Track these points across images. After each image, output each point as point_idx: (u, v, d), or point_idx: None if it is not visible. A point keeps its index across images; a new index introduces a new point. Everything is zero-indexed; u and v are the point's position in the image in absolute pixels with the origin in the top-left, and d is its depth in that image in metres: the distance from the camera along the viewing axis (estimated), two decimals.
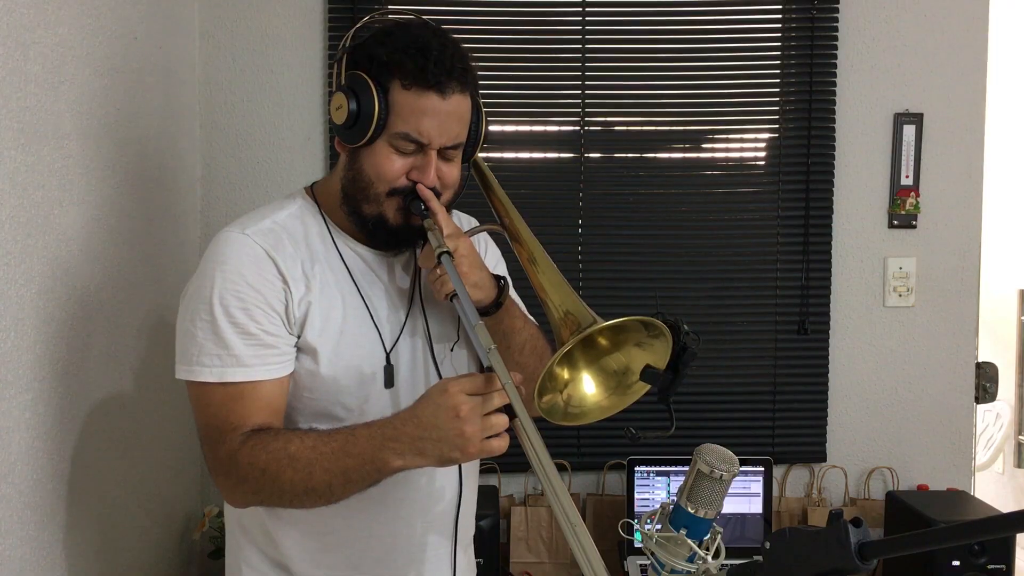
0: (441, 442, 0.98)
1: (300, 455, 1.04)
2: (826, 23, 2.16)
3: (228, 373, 1.09)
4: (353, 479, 1.03)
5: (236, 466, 1.07)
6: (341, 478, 1.03)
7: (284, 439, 1.06)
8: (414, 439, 0.99)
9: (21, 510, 1.27)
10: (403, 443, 1.00)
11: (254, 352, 1.10)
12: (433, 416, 0.98)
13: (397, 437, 1.00)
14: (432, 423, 0.98)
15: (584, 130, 2.17)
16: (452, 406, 0.97)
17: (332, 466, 1.03)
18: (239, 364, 1.09)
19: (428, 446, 0.99)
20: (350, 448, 1.02)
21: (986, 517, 0.72)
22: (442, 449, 0.98)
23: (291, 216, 1.18)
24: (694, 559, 0.99)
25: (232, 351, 1.09)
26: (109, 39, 1.58)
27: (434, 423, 0.98)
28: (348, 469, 1.03)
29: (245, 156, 2.14)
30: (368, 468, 1.02)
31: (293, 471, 1.04)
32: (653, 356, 1.05)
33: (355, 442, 1.03)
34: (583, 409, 1.08)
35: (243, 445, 1.07)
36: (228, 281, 1.09)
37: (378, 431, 1.02)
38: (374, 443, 1.01)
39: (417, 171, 1.12)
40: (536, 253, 1.16)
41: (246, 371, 1.09)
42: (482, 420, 0.96)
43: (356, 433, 1.03)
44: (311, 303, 1.13)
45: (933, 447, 2.22)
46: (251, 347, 1.10)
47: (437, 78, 1.08)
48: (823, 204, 2.18)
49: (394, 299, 1.21)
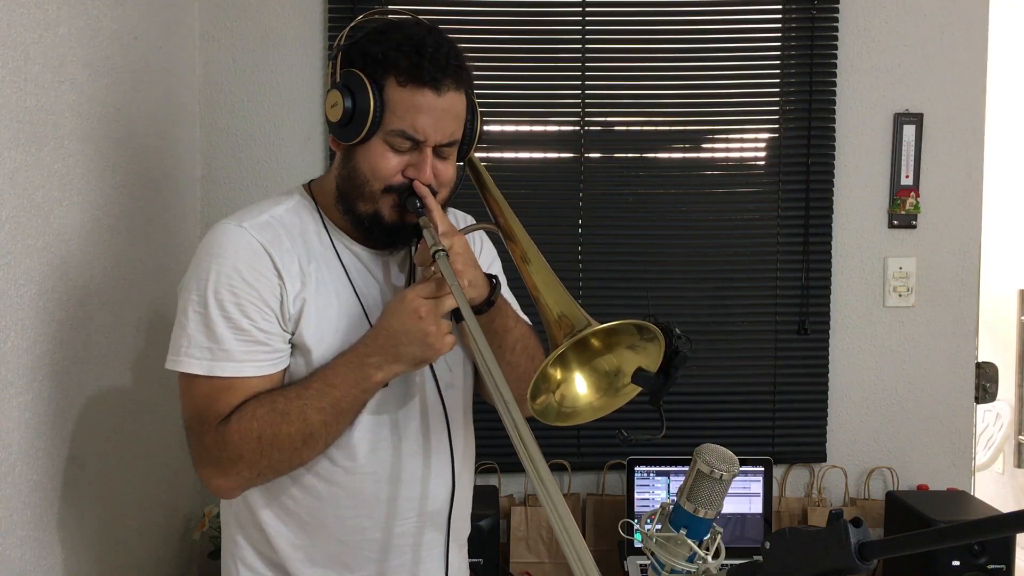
0: (411, 344, 1.07)
1: (289, 408, 1.08)
2: (826, 23, 2.16)
3: (217, 367, 1.09)
4: (343, 407, 1.09)
5: (227, 446, 1.07)
6: (333, 411, 1.09)
7: (268, 401, 1.09)
8: (386, 348, 1.08)
9: (21, 510, 1.27)
10: (378, 355, 1.08)
11: (245, 348, 1.10)
12: (398, 322, 1.07)
13: (371, 351, 1.08)
14: (399, 329, 1.07)
15: (584, 130, 2.17)
16: (413, 309, 1.06)
17: (321, 403, 1.08)
18: (229, 359, 1.09)
19: (401, 350, 1.07)
20: (332, 379, 1.09)
21: (986, 517, 0.72)
22: (413, 351, 1.07)
23: (288, 211, 1.18)
24: (694, 559, 0.99)
25: (223, 345, 1.09)
26: (109, 39, 1.58)
27: (400, 328, 1.07)
28: (336, 399, 1.08)
29: (245, 156, 2.14)
30: (354, 391, 1.09)
31: (288, 424, 1.07)
32: (645, 359, 1.05)
33: (334, 372, 1.09)
34: (575, 409, 1.08)
35: (227, 424, 1.08)
36: (223, 275, 1.09)
37: (352, 355, 1.09)
38: (352, 366, 1.09)
39: (413, 168, 1.13)
40: (530, 252, 1.16)
41: (236, 366, 1.10)
42: (439, 320, 1.06)
43: (333, 364, 1.10)
44: (306, 300, 1.14)
45: (933, 447, 2.22)
46: (242, 343, 1.10)
47: (432, 75, 1.08)
48: (823, 204, 2.18)
49: (389, 297, 1.21)
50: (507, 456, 2.10)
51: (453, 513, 1.24)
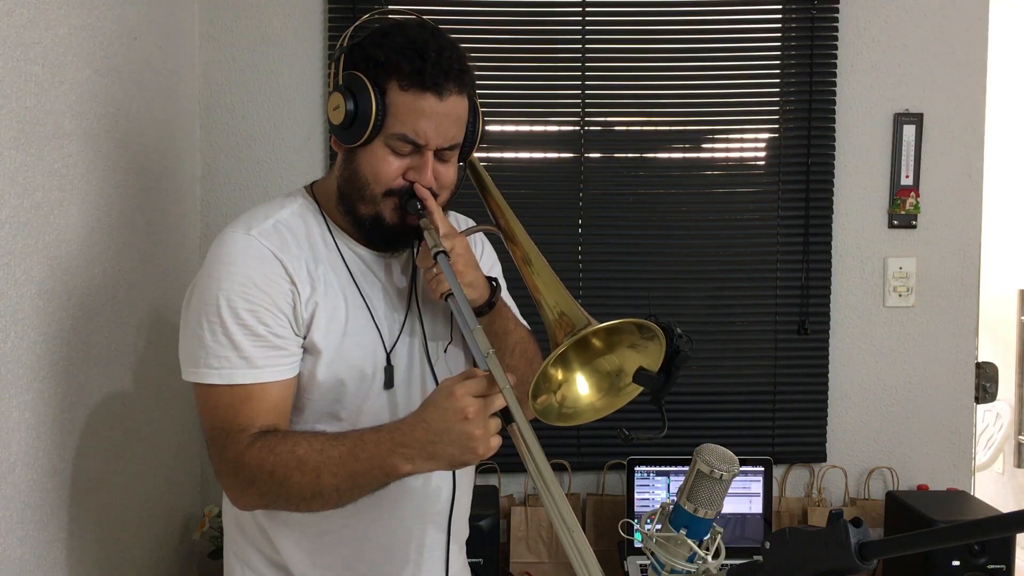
0: (452, 445, 0.98)
1: (308, 458, 1.04)
2: (826, 23, 2.16)
3: (237, 375, 1.09)
4: (360, 483, 1.04)
5: (243, 468, 1.07)
6: (348, 482, 1.03)
7: (292, 442, 1.06)
8: (424, 444, 1.00)
9: (21, 510, 1.27)
10: (413, 448, 1.00)
11: (262, 353, 1.10)
12: (442, 420, 0.98)
13: (407, 443, 1.00)
14: (441, 427, 0.98)
15: (584, 130, 2.17)
16: (460, 409, 0.97)
17: (340, 470, 1.03)
18: (248, 366, 1.09)
19: (438, 450, 0.99)
20: (358, 452, 1.02)
21: (986, 517, 0.72)
22: (452, 452, 0.99)
23: (293, 214, 1.18)
24: (694, 559, 0.99)
25: (241, 352, 1.09)
26: (109, 39, 1.58)
27: (443, 427, 0.98)
28: (356, 473, 1.03)
29: (245, 156, 2.14)
30: (376, 473, 1.02)
31: (301, 474, 1.04)
32: (646, 358, 1.05)
33: (363, 447, 1.02)
34: (577, 409, 1.08)
35: (250, 447, 1.06)
36: (235, 283, 1.09)
37: (387, 436, 1.02)
38: (383, 448, 1.01)
39: (414, 171, 1.13)
40: (531, 254, 1.16)
41: (255, 373, 1.09)
42: (486, 422, 0.98)
43: (364, 438, 1.03)
44: (317, 303, 1.14)
45: (933, 447, 2.22)
46: (259, 348, 1.09)
47: (434, 80, 1.08)
48: (823, 204, 2.18)
49: (392, 299, 1.21)
50: (507, 456, 2.09)
51: (454, 514, 1.24)
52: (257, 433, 1.08)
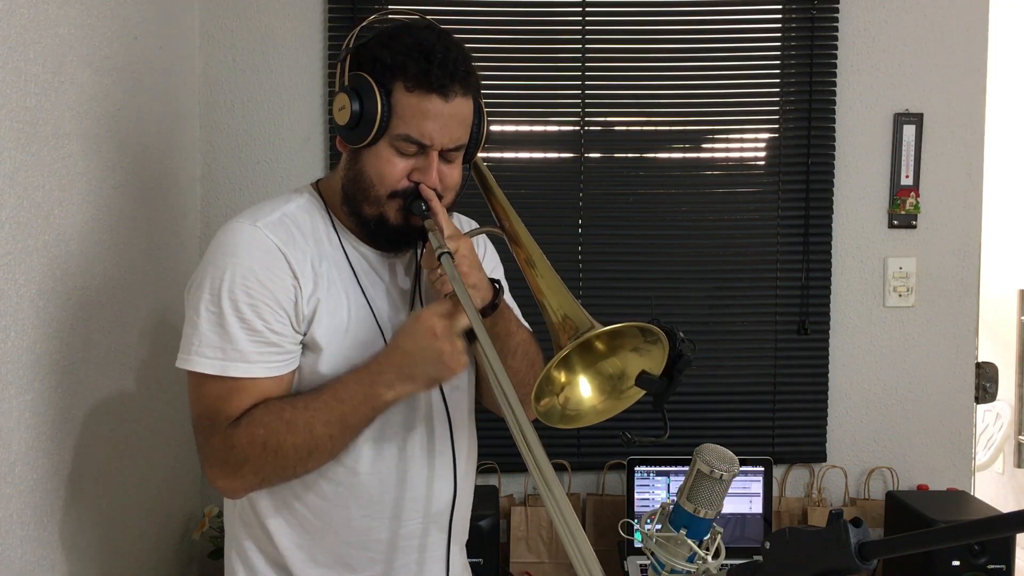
0: (426, 363, 1.06)
1: (296, 418, 1.07)
2: (826, 23, 2.16)
3: (230, 367, 1.09)
4: (351, 423, 1.08)
5: (232, 449, 1.08)
6: (339, 426, 1.08)
7: (276, 408, 1.09)
8: (400, 367, 1.06)
9: (21, 510, 1.27)
10: (390, 373, 1.07)
11: (257, 349, 1.10)
12: (413, 342, 1.06)
13: (383, 370, 1.07)
14: (413, 348, 1.06)
15: (584, 130, 2.17)
16: (428, 328, 1.05)
17: (329, 416, 1.07)
18: (242, 359, 1.09)
19: (416, 370, 1.06)
20: (341, 394, 1.08)
21: (986, 517, 0.72)
22: (428, 370, 1.06)
23: (300, 209, 1.18)
24: (694, 559, 0.99)
25: (236, 345, 1.09)
26: (109, 39, 1.58)
27: (415, 347, 1.05)
28: (344, 415, 1.08)
29: (245, 156, 2.14)
30: (363, 408, 1.08)
31: (293, 435, 1.07)
32: (649, 362, 1.05)
33: (345, 387, 1.08)
34: (579, 412, 1.08)
35: (235, 427, 1.08)
36: (238, 275, 1.09)
37: (364, 371, 1.08)
38: (364, 383, 1.07)
39: (419, 172, 1.13)
40: (535, 255, 1.16)
41: (248, 367, 1.10)
42: (454, 338, 1.05)
43: (344, 379, 1.09)
44: (320, 300, 1.14)
45: (933, 447, 2.22)
46: (255, 343, 1.10)
47: (440, 81, 1.08)
48: (823, 204, 2.18)
49: (395, 299, 1.21)
50: (507, 456, 2.10)
51: (455, 514, 1.24)
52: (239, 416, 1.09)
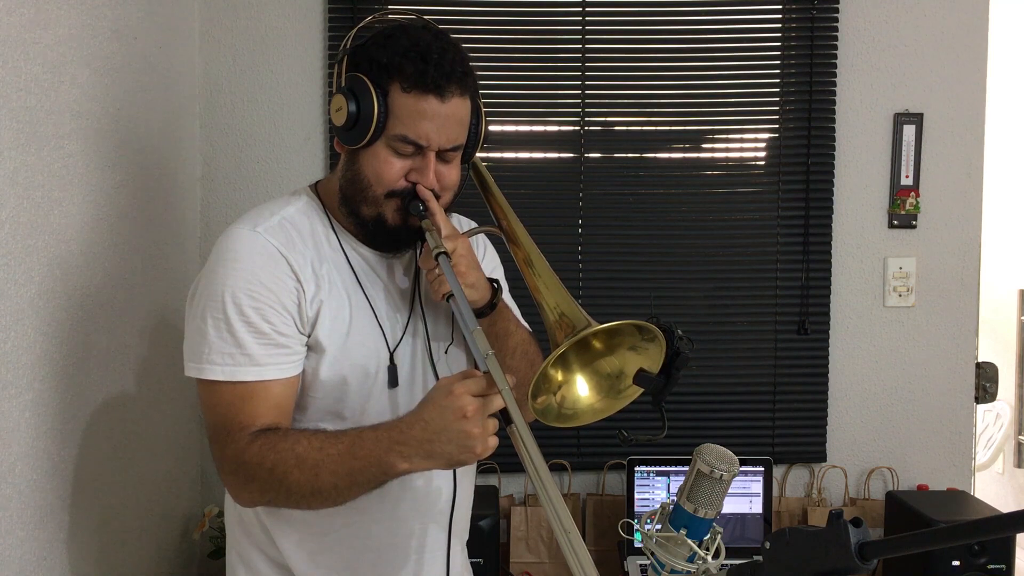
0: (449, 444, 0.98)
1: (307, 456, 1.04)
2: (826, 23, 2.16)
3: (240, 372, 1.09)
4: (359, 481, 1.04)
5: (244, 465, 1.07)
6: (347, 480, 1.04)
7: (292, 439, 1.06)
8: (421, 442, 0.99)
9: (21, 510, 1.27)
10: (410, 447, 1.00)
11: (266, 351, 1.10)
12: (440, 418, 0.98)
13: (404, 441, 1.00)
14: (439, 426, 0.98)
15: (584, 130, 2.17)
16: (458, 407, 0.97)
17: (338, 468, 1.03)
18: (252, 363, 1.09)
19: (436, 448, 0.99)
20: (357, 450, 1.03)
21: (986, 517, 0.72)
22: (450, 451, 0.99)
23: (298, 212, 1.19)
24: (694, 559, 0.99)
25: (245, 350, 1.09)
26: (109, 39, 1.58)
27: (441, 426, 0.98)
28: (354, 471, 1.03)
29: (245, 156, 2.14)
30: (374, 471, 1.02)
31: (300, 472, 1.04)
32: (647, 360, 1.05)
33: (362, 444, 1.03)
34: (576, 411, 1.08)
35: (251, 444, 1.07)
36: (241, 280, 1.09)
37: (385, 434, 1.02)
38: (381, 446, 1.02)
39: (416, 173, 1.13)
40: (533, 255, 1.17)
41: (258, 370, 1.09)
42: (484, 421, 0.97)
43: (363, 436, 1.04)
44: (322, 302, 1.14)
45: (933, 447, 2.22)
46: (263, 346, 1.10)
47: (436, 82, 1.08)
48: (823, 204, 2.18)
49: (395, 299, 1.21)
50: (507, 456, 2.09)
51: (455, 513, 1.24)
52: (258, 431, 1.08)
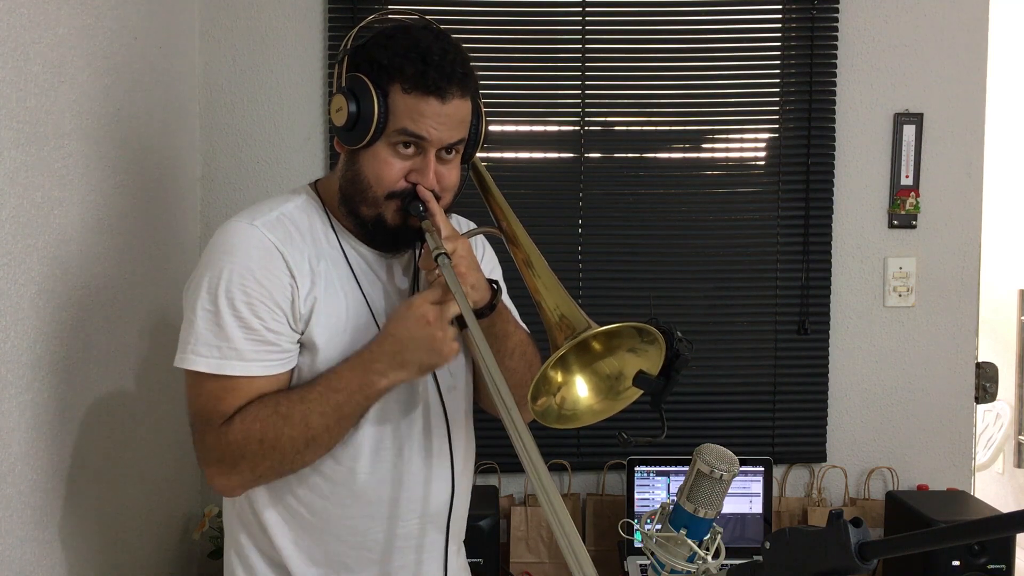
0: (418, 350, 1.07)
1: (291, 411, 1.08)
2: (826, 23, 2.16)
3: (226, 366, 1.09)
4: (346, 412, 1.09)
5: (228, 447, 1.08)
6: (335, 416, 1.09)
7: (271, 403, 1.10)
8: (393, 354, 1.07)
9: (21, 510, 1.27)
10: (383, 361, 1.08)
11: (254, 347, 1.10)
12: (405, 329, 1.07)
13: (376, 358, 1.08)
14: (406, 336, 1.07)
15: (584, 130, 2.17)
16: (420, 315, 1.06)
17: (324, 407, 1.08)
18: (238, 358, 1.09)
19: (408, 357, 1.07)
20: (335, 383, 1.09)
21: (986, 517, 0.72)
22: (420, 357, 1.07)
23: (297, 208, 1.19)
24: (694, 559, 0.99)
25: (233, 344, 1.09)
26: (109, 39, 1.58)
27: (408, 335, 1.06)
28: (339, 404, 1.08)
29: (245, 156, 2.14)
30: (358, 397, 1.09)
31: (290, 427, 1.08)
32: (646, 362, 1.05)
33: (339, 377, 1.09)
34: (576, 412, 1.09)
35: (229, 426, 1.08)
36: (235, 274, 1.09)
37: (357, 360, 1.09)
38: (356, 372, 1.08)
39: (416, 173, 1.13)
40: (532, 256, 1.17)
41: (244, 365, 1.10)
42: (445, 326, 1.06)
43: (336, 370, 1.10)
44: (317, 299, 1.14)
45: (933, 447, 2.22)
46: (251, 342, 1.10)
47: (437, 83, 1.08)
48: (823, 204, 2.18)
49: (393, 299, 1.21)
50: (507, 456, 2.10)
51: (453, 514, 1.24)
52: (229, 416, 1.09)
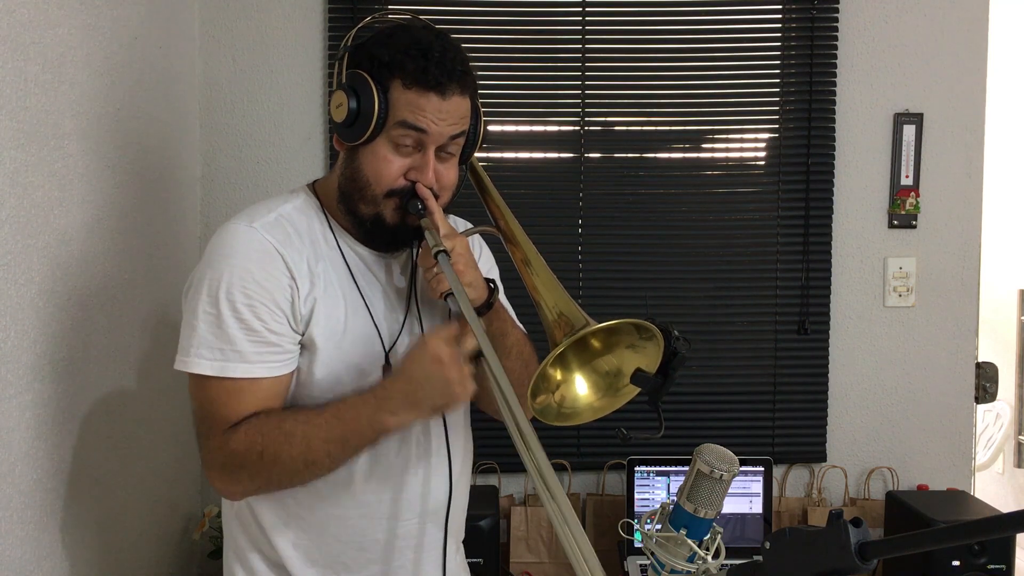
0: (432, 391, 1.03)
1: (295, 430, 1.07)
2: (826, 23, 2.16)
3: (229, 368, 1.09)
4: (351, 444, 1.08)
5: (231, 455, 1.08)
6: (339, 444, 1.07)
7: (276, 419, 1.09)
8: (406, 394, 1.05)
9: (21, 510, 1.27)
10: (395, 400, 1.05)
11: (256, 349, 1.10)
12: (420, 368, 1.04)
13: (389, 395, 1.06)
14: (420, 375, 1.03)
15: (584, 130, 2.17)
16: (434, 354, 1.02)
17: (328, 434, 1.07)
18: (241, 360, 1.09)
19: (420, 397, 1.04)
20: (343, 414, 1.07)
21: (986, 517, 0.72)
22: (433, 397, 1.04)
23: (296, 210, 1.19)
24: (694, 559, 0.99)
25: (235, 346, 1.09)
26: (109, 39, 1.58)
27: (422, 375, 1.03)
28: (345, 435, 1.07)
29: (245, 156, 2.14)
30: (365, 431, 1.07)
31: (291, 447, 1.07)
32: (645, 359, 1.06)
33: (348, 408, 1.07)
34: (575, 409, 1.09)
35: (234, 434, 1.08)
36: (235, 276, 1.09)
37: (369, 395, 1.07)
38: (368, 407, 1.06)
39: (415, 171, 1.13)
40: (530, 255, 1.17)
41: (247, 367, 1.10)
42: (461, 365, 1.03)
43: (347, 400, 1.08)
44: (316, 300, 1.14)
45: (933, 447, 2.22)
46: (253, 343, 1.10)
47: (437, 79, 1.09)
48: (823, 204, 2.18)
49: (391, 299, 1.22)
50: (507, 456, 2.10)
51: (451, 513, 1.25)
52: (236, 422, 1.09)
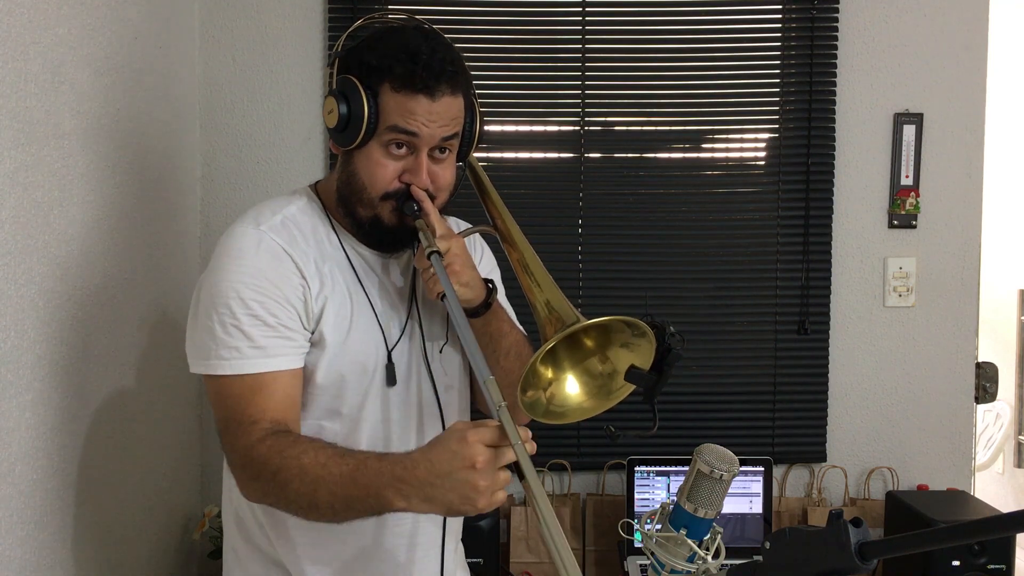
0: (452, 491, 0.93)
1: (310, 470, 1.01)
2: (826, 23, 2.16)
3: (247, 365, 1.09)
4: (355, 507, 1.01)
5: (251, 462, 1.07)
6: (343, 503, 1.01)
7: (300, 449, 1.04)
8: (423, 484, 0.95)
9: (21, 510, 1.27)
10: (412, 486, 0.96)
11: (273, 342, 1.10)
12: (448, 463, 0.93)
13: (406, 479, 0.96)
14: (445, 471, 0.93)
15: (584, 130, 2.17)
16: (468, 456, 0.92)
17: (337, 490, 1.00)
18: (260, 355, 1.10)
19: (437, 493, 0.94)
20: (359, 477, 0.99)
21: (986, 517, 0.72)
22: (451, 499, 0.94)
23: (300, 211, 1.19)
24: (694, 559, 0.99)
25: (253, 342, 1.09)
26: (109, 39, 1.58)
27: (447, 471, 0.93)
28: (351, 497, 1.00)
29: (245, 156, 2.14)
30: (372, 501, 0.99)
31: (300, 484, 1.02)
32: (639, 357, 1.06)
33: (364, 472, 0.99)
34: (565, 409, 1.09)
35: (261, 443, 1.06)
36: (247, 275, 1.10)
37: (388, 468, 0.98)
38: (382, 479, 0.98)
39: (409, 173, 1.14)
40: (527, 255, 1.18)
41: (266, 361, 1.10)
42: (494, 474, 0.93)
43: (368, 464, 1.00)
44: (327, 298, 1.15)
45: (933, 447, 2.22)
46: (270, 338, 1.10)
47: (425, 82, 1.09)
48: (823, 204, 2.18)
49: (393, 299, 1.22)
50: None
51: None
52: (270, 431, 1.07)
